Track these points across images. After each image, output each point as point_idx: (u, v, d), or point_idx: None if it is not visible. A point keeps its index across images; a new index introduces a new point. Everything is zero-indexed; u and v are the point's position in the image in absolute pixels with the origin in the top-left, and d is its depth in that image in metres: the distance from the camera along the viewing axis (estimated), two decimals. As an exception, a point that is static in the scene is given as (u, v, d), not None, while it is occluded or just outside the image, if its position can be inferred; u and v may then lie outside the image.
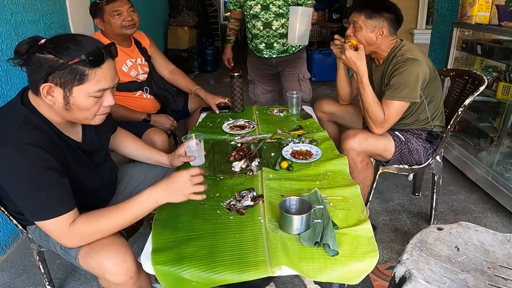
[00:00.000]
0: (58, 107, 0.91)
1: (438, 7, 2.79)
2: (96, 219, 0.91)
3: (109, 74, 0.92)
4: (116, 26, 1.65)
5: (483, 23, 2.10)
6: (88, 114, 0.94)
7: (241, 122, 1.72)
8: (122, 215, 0.92)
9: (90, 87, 0.89)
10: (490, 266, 0.98)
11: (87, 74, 0.87)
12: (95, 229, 0.91)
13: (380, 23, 1.47)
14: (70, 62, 0.85)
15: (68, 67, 0.85)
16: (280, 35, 2.13)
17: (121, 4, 1.65)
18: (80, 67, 0.86)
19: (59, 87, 0.87)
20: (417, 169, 1.66)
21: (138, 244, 1.59)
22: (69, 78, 0.86)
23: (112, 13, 1.64)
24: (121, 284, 0.93)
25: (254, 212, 1.06)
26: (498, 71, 2.20)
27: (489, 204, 1.97)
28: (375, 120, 1.48)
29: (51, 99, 0.88)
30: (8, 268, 1.60)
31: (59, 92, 0.88)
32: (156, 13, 4.58)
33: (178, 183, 0.92)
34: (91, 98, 0.91)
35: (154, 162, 1.32)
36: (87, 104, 0.91)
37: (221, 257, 0.90)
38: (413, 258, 0.98)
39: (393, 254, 1.62)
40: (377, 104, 1.47)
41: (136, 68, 1.78)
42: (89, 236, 0.92)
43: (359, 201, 1.10)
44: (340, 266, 0.88)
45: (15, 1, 1.73)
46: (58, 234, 0.90)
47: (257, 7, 2.08)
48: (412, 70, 1.42)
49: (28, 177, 0.86)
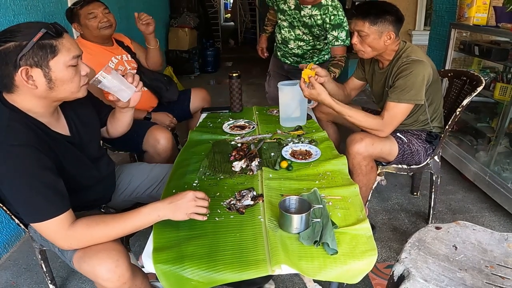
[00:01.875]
0: (42, 90, 0.89)
1: (436, 8, 2.80)
2: (96, 224, 0.91)
3: (73, 42, 0.93)
4: (93, 28, 1.70)
5: (481, 25, 2.11)
6: (73, 86, 0.93)
7: (241, 123, 1.73)
8: (122, 224, 0.92)
9: (64, 56, 0.89)
10: (487, 265, 0.99)
11: (55, 45, 0.88)
12: (94, 234, 0.91)
13: (386, 27, 1.44)
14: (34, 39, 0.85)
15: (35, 44, 0.85)
16: (294, 54, 2.16)
17: (94, 6, 1.70)
18: (46, 41, 0.87)
19: (36, 67, 0.86)
20: (416, 169, 1.67)
21: (139, 243, 1.60)
22: (41, 54, 0.86)
23: (87, 16, 1.68)
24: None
25: (254, 212, 1.06)
26: (495, 72, 2.22)
27: (487, 204, 1.98)
28: (374, 128, 1.48)
29: (32, 83, 0.88)
30: (10, 266, 1.61)
31: (37, 72, 0.87)
32: (157, 14, 4.60)
33: (182, 200, 0.93)
34: (70, 68, 0.91)
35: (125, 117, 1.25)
36: (69, 75, 0.91)
37: (222, 256, 0.90)
38: (411, 257, 0.99)
39: (391, 253, 1.63)
40: (364, 116, 1.48)
41: (123, 64, 1.81)
42: (86, 240, 0.92)
43: (358, 201, 1.11)
44: (339, 264, 0.89)
45: (17, 2, 1.74)
46: (53, 235, 0.89)
47: (285, 22, 2.09)
48: (418, 72, 1.41)
49: (20, 179, 0.85)
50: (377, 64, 1.64)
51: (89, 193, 1.08)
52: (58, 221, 0.88)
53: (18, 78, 0.86)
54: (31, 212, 0.88)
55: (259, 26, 7.06)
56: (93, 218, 0.93)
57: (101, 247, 0.92)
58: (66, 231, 0.89)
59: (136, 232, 1.12)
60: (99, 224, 0.91)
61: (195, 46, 4.98)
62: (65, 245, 0.92)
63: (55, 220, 0.87)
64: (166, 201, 0.95)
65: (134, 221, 0.93)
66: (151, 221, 0.95)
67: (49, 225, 0.87)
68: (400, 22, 1.47)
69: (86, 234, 0.91)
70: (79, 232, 0.90)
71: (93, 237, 0.92)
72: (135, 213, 0.93)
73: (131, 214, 0.93)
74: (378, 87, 1.64)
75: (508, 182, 1.84)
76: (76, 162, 1.03)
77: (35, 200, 0.87)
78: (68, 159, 1.00)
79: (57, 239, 0.90)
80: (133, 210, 0.94)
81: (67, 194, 0.92)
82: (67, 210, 0.90)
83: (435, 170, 1.69)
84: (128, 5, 3.35)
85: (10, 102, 0.92)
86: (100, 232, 0.91)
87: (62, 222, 0.88)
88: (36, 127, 0.93)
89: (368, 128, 1.49)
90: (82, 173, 1.05)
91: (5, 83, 0.89)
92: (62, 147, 0.99)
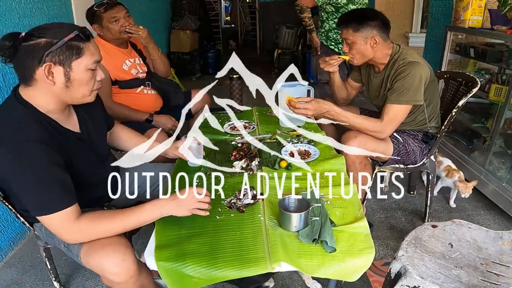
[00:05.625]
0: (58, 87, 0.93)
1: (433, 11, 2.83)
2: (100, 219, 0.94)
3: (97, 48, 0.98)
4: (115, 32, 1.73)
5: (476, 27, 2.14)
6: (86, 89, 0.98)
7: (241, 123, 1.75)
8: (126, 219, 0.94)
9: (87, 60, 0.94)
10: (482, 262, 1.01)
11: (82, 47, 0.93)
12: (98, 229, 0.93)
13: (369, 32, 1.47)
14: (66, 39, 0.90)
15: (65, 44, 0.90)
16: None
17: (118, 10, 1.72)
18: (75, 42, 0.91)
19: (58, 65, 0.90)
20: (412, 168, 1.69)
21: (141, 241, 1.61)
22: (67, 54, 0.91)
23: (110, 20, 1.71)
24: (122, 283, 0.94)
25: (254, 210, 1.08)
26: (490, 74, 2.23)
27: (482, 202, 2.01)
28: (374, 130, 1.50)
29: (51, 79, 0.91)
30: (15, 264, 1.62)
31: (59, 70, 0.91)
32: (159, 17, 4.63)
33: (184, 197, 0.95)
34: (89, 71, 0.96)
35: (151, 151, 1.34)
36: (86, 78, 0.96)
37: (222, 253, 0.92)
38: (408, 254, 1.00)
39: (389, 251, 1.65)
40: (365, 120, 1.50)
41: (136, 67, 1.84)
42: (90, 234, 0.94)
43: (355, 199, 1.13)
44: (337, 262, 0.90)
45: (22, 5, 1.75)
46: (58, 228, 0.92)
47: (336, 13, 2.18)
48: (415, 73, 1.43)
49: (30, 173, 0.88)
50: (372, 68, 1.65)
51: (94, 191, 1.10)
52: (64, 215, 0.90)
53: (39, 72, 0.90)
54: (39, 206, 0.90)
55: (259, 28, 7.08)
56: (97, 213, 0.95)
57: (107, 241, 0.95)
58: (71, 225, 0.91)
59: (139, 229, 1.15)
60: (103, 219, 0.94)
61: (196, 48, 5.02)
62: (69, 238, 0.94)
63: (61, 213, 0.90)
64: (168, 198, 0.97)
65: (137, 217, 0.94)
66: (154, 217, 0.96)
67: (55, 218, 0.90)
68: (385, 26, 1.50)
69: (90, 228, 0.93)
70: (84, 226, 0.92)
71: (97, 231, 0.94)
72: (138, 209, 0.95)
73: (134, 210, 0.95)
74: (374, 90, 1.66)
75: (502, 181, 1.87)
76: (85, 159, 1.06)
77: (43, 194, 0.89)
78: (77, 156, 1.02)
79: (62, 233, 0.92)
80: (137, 206, 0.96)
81: (74, 189, 0.95)
82: (74, 204, 0.92)
83: (431, 169, 1.71)
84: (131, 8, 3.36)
85: (25, 98, 0.95)
86: (104, 227, 0.94)
87: (68, 215, 0.91)
88: (48, 123, 0.96)
89: (369, 131, 1.50)
90: (89, 170, 1.07)
91: (26, 75, 0.92)
92: (72, 143, 1.02)
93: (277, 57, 5.18)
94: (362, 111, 1.84)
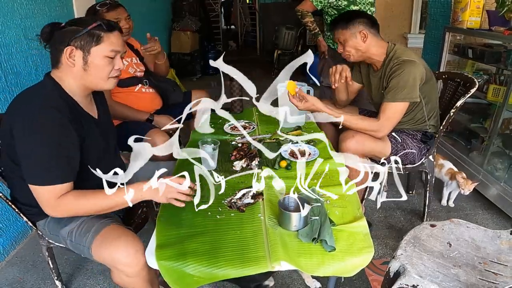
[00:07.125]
0: (77, 69, 1.03)
1: (431, 12, 2.84)
2: (84, 196, 0.98)
3: (119, 40, 1.07)
4: None
5: (474, 28, 2.15)
6: (103, 74, 1.05)
7: (241, 123, 1.76)
8: (108, 199, 0.96)
9: (105, 47, 1.03)
10: (481, 261, 1.02)
11: (102, 36, 1.02)
12: (80, 206, 0.98)
13: (357, 27, 1.53)
14: (89, 27, 1.01)
15: (88, 31, 1.01)
16: None
17: (120, 12, 1.74)
18: (97, 31, 1.02)
19: (79, 49, 1.01)
20: (411, 168, 1.70)
21: (143, 240, 1.61)
22: (88, 40, 1.01)
23: None
24: (133, 276, 0.97)
25: (254, 210, 1.09)
26: (488, 74, 2.25)
27: (480, 202, 2.02)
28: (371, 129, 1.51)
29: (72, 61, 1.01)
30: (18, 263, 1.64)
31: (79, 54, 1.01)
32: (159, 18, 4.64)
33: None
34: (105, 58, 1.04)
35: None
36: (102, 64, 1.04)
37: (223, 252, 0.92)
38: (407, 253, 1.01)
39: (387, 250, 1.66)
40: (360, 119, 1.52)
41: (133, 66, 1.86)
42: (73, 210, 0.99)
43: (355, 199, 1.14)
44: (337, 261, 0.91)
45: (24, 6, 1.76)
46: (46, 201, 0.96)
47: None
48: (409, 71, 1.45)
49: (44, 135, 0.94)
50: (371, 67, 1.67)
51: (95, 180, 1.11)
52: (57, 189, 0.95)
53: (63, 55, 1.01)
54: (36, 173, 0.95)
55: (259, 29, 7.09)
56: (82, 191, 0.99)
57: (119, 234, 0.99)
58: (58, 199, 0.95)
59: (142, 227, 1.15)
60: (87, 197, 0.98)
61: (196, 49, 5.04)
62: (53, 212, 0.99)
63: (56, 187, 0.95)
64: None
65: (119, 198, 0.95)
66: (135, 200, 0.98)
67: (47, 190, 0.94)
68: (372, 23, 1.56)
69: (73, 204, 0.97)
70: (68, 201, 0.96)
71: (79, 208, 0.98)
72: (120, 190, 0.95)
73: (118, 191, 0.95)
74: (375, 90, 1.67)
75: (501, 181, 1.88)
76: (96, 144, 1.11)
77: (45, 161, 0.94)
78: (91, 139, 1.08)
79: (49, 206, 0.97)
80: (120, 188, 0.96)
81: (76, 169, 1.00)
82: (70, 181, 0.98)
83: (429, 169, 1.73)
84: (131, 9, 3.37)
85: (54, 79, 1.05)
86: (87, 204, 0.98)
87: (60, 191, 0.96)
88: (72, 103, 1.05)
89: (366, 130, 1.51)
90: (97, 156, 1.11)
91: (56, 58, 1.04)
92: (89, 126, 1.09)
93: (277, 57, 5.19)
94: (361, 112, 1.86)
